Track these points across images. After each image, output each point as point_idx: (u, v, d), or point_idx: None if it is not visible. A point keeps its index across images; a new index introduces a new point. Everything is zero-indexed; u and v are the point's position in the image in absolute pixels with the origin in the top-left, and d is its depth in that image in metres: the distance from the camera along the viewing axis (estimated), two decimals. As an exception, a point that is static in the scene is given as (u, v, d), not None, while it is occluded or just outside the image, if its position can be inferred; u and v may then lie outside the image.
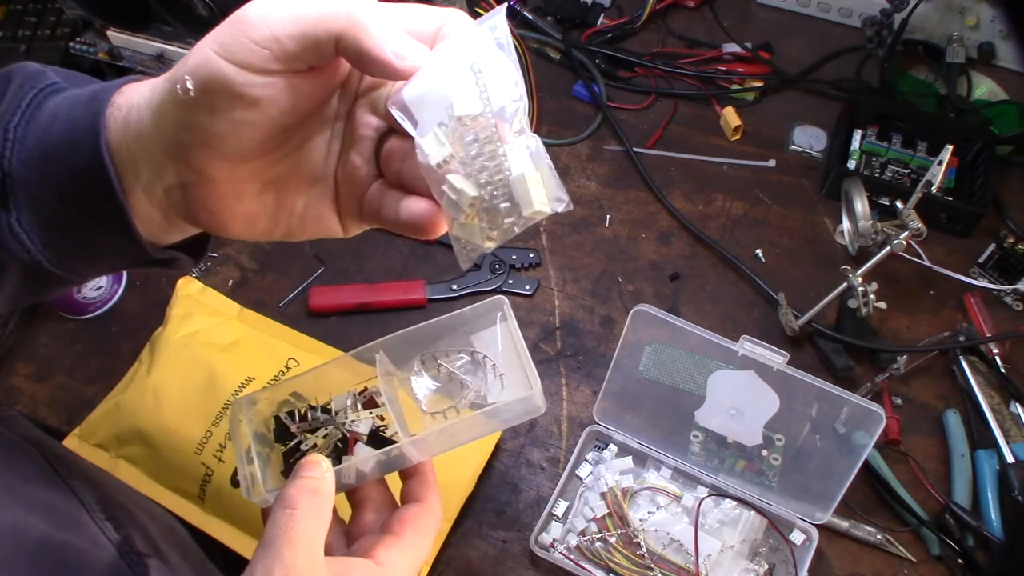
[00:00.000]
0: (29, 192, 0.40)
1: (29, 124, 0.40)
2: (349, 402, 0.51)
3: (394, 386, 0.51)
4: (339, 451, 0.50)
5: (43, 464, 0.46)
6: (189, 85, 0.37)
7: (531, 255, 0.81)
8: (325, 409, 0.51)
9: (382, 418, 0.50)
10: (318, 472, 0.43)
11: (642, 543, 0.64)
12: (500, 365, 0.50)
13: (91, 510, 0.46)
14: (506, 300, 0.50)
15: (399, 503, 0.49)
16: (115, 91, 0.40)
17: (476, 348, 0.51)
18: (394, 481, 0.50)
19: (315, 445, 0.50)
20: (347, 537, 0.48)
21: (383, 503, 0.49)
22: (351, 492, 0.49)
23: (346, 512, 0.50)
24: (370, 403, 0.51)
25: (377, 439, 0.49)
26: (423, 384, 0.51)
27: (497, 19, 0.37)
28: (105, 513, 0.46)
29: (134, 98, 0.40)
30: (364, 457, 0.48)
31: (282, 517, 0.41)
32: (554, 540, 0.65)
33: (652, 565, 0.63)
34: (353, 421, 0.50)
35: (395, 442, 0.48)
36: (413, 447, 0.47)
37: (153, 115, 0.38)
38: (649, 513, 0.66)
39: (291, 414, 0.51)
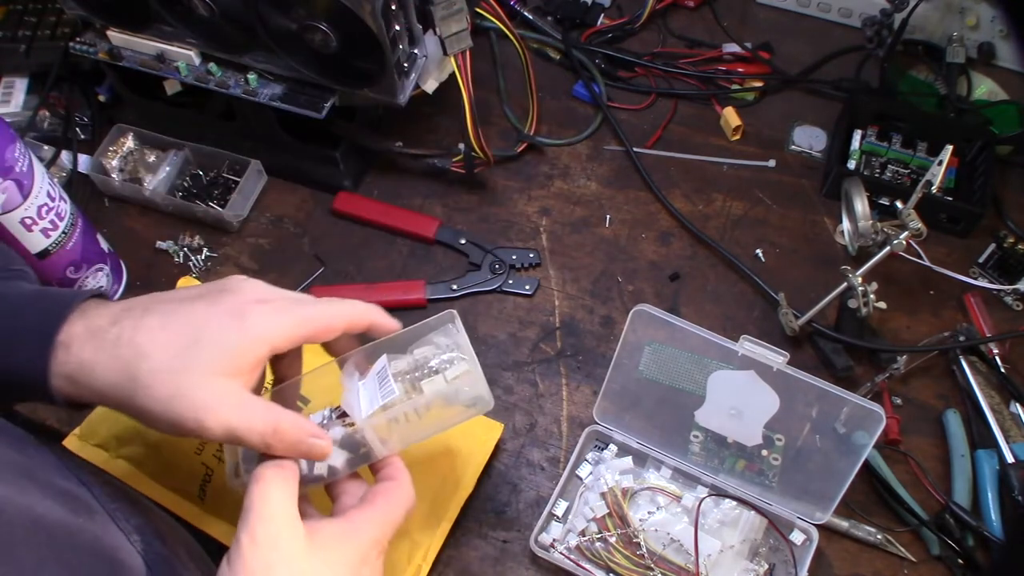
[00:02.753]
0: None
1: None
2: (327, 413, 0.54)
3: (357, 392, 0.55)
4: None
5: (57, 461, 0.47)
6: None
7: (531, 255, 0.81)
8: None
9: (352, 425, 0.53)
10: None
11: (642, 543, 0.64)
12: (444, 362, 0.54)
13: (101, 501, 0.47)
14: (455, 312, 0.57)
15: None
16: (52, 356, 0.46)
17: (422, 352, 0.56)
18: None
19: None
20: None
21: (359, 494, 0.52)
22: (329, 488, 0.53)
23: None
24: (343, 415, 0.54)
25: (348, 443, 0.53)
26: (377, 386, 0.54)
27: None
28: (113, 504, 0.48)
29: (72, 363, 0.47)
30: (336, 453, 0.52)
31: (254, 488, 0.46)
32: (554, 540, 0.65)
33: (652, 565, 0.63)
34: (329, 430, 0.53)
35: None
36: (373, 432, 0.52)
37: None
38: (649, 513, 0.66)
39: None
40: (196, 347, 0.46)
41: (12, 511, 0.39)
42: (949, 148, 0.71)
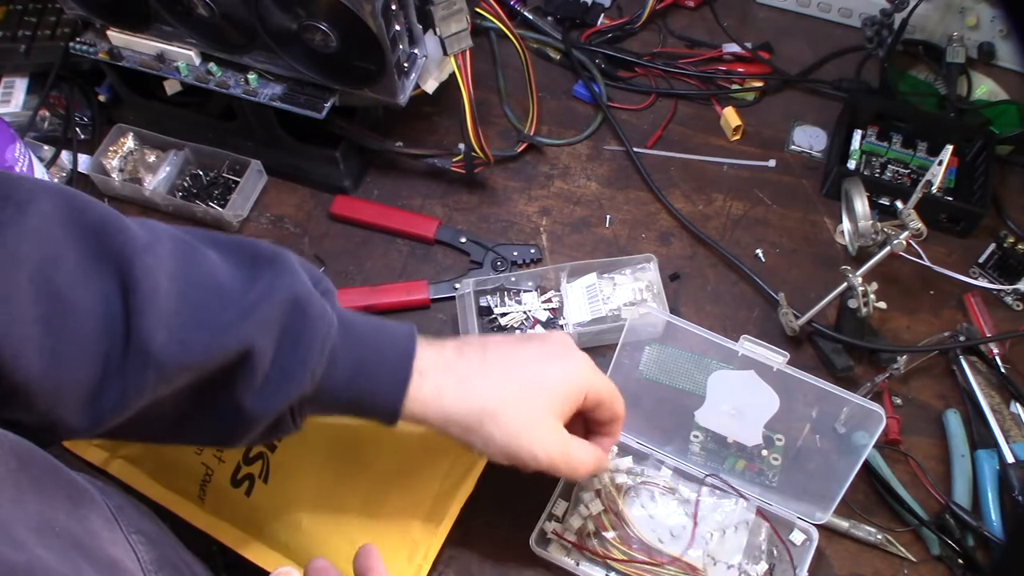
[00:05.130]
0: (316, 403, 0.51)
1: (329, 367, 0.50)
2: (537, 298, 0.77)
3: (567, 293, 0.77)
4: (525, 326, 0.76)
5: (108, 517, 0.46)
6: None
7: (532, 250, 0.81)
8: (517, 301, 0.77)
9: (555, 311, 0.76)
10: None
11: (641, 540, 0.64)
12: (637, 299, 0.76)
13: (146, 571, 0.46)
14: (653, 255, 0.78)
15: None
16: (409, 382, 0.52)
17: (624, 283, 0.77)
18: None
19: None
20: None
21: None
22: None
23: None
24: (547, 301, 0.77)
25: (548, 324, 0.76)
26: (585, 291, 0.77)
27: None
28: (160, 574, 0.47)
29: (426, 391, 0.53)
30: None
31: None
32: (554, 539, 0.65)
33: (651, 563, 0.63)
34: (535, 309, 0.77)
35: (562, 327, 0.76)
36: (576, 334, 0.74)
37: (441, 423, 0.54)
38: (645, 510, 0.66)
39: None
40: (539, 385, 0.54)
41: None
42: (949, 148, 0.71)
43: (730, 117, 0.89)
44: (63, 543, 0.40)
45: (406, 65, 0.75)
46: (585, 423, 0.61)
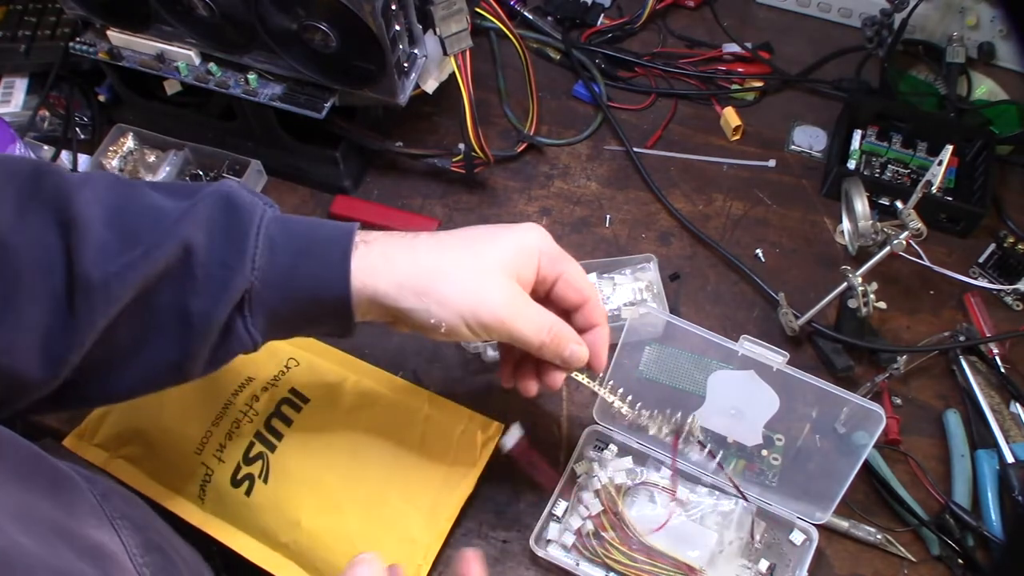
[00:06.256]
0: (265, 304, 0.50)
1: (270, 255, 0.49)
2: None
3: None
4: None
5: (92, 503, 0.46)
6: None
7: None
8: None
9: None
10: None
11: (641, 541, 0.64)
12: (637, 299, 0.76)
13: (132, 555, 0.46)
14: (653, 255, 0.78)
15: None
16: (353, 252, 0.51)
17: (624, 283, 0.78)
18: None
19: None
20: None
21: None
22: None
23: None
24: None
25: None
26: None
27: None
28: (143, 559, 0.47)
29: (374, 261, 0.51)
30: None
31: None
32: (553, 539, 0.65)
33: (651, 563, 0.63)
34: None
35: None
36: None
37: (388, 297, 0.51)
38: (647, 511, 0.66)
39: None
40: (490, 245, 0.53)
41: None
42: (949, 148, 0.71)
43: (730, 117, 0.89)
44: (44, 529, 0.40)
45: (406, 65, 0.75)
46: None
